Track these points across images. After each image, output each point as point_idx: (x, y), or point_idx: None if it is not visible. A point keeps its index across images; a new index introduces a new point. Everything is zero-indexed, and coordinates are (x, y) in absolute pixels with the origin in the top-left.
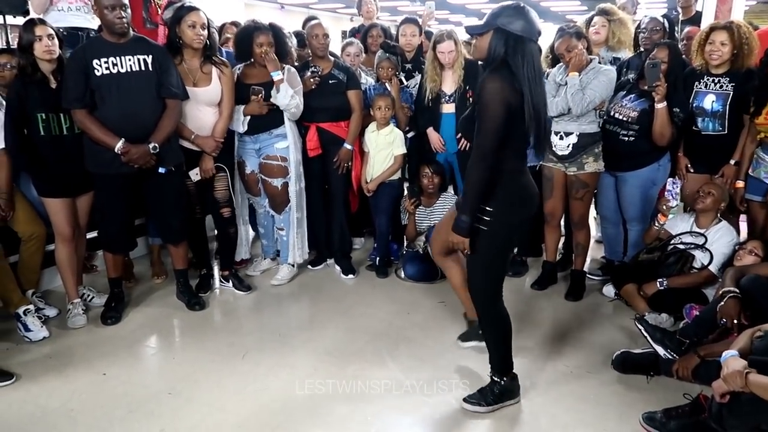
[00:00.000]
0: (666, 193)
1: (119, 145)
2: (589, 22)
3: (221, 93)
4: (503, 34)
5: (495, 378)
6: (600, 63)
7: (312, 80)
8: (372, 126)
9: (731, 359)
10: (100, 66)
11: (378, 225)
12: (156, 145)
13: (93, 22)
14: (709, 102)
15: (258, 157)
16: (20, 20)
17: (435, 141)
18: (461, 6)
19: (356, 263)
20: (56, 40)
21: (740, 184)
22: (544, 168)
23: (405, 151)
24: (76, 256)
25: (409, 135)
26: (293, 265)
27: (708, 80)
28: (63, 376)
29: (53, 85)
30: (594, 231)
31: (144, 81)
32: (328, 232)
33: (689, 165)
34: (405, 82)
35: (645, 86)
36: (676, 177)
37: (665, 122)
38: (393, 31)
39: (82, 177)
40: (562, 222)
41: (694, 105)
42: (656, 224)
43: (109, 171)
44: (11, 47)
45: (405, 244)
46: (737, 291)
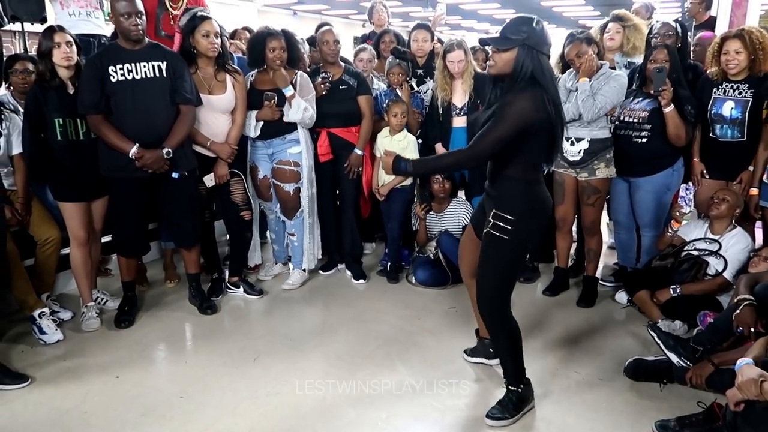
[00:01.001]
0: (679, 199)
1: (134, 150)
2: (604, 28)
3: (235, 100)
4: (530, 51)
5: (512, 387)
6: (612, 68)
7: (323, 86)
8: (385, 131)
9: (746, 367)
10: (116, 72)
11: (389, 230)
12: (170, 150)
13: (105, 29)
14: (728, 109)
15: (271, 162)
16: (38, 27)
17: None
18: (473, 11)
19: (367, 268)
20: (74, 47)
21: (754, 192)
22: (556, 174)
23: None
24: (91, 260)
25: (421, 141)
26: (304, 270)
27: (726, 87)
28: (77, 379)
29: (71, 91)
30: (606, 237)
31: (158, 87)
32: (339, 237)
33: (705, 171)
34: (416, 88)
35: (651, 90)
36: (690, 183)
37: (678, 123)
38: (405, 37)
39: (98, 181)
40: (574, 228)
41: (713, 112)
42: (670, 230)
43: (124, 175)
44: (29, 54)
45: (416, 250)
46: (753, 299)
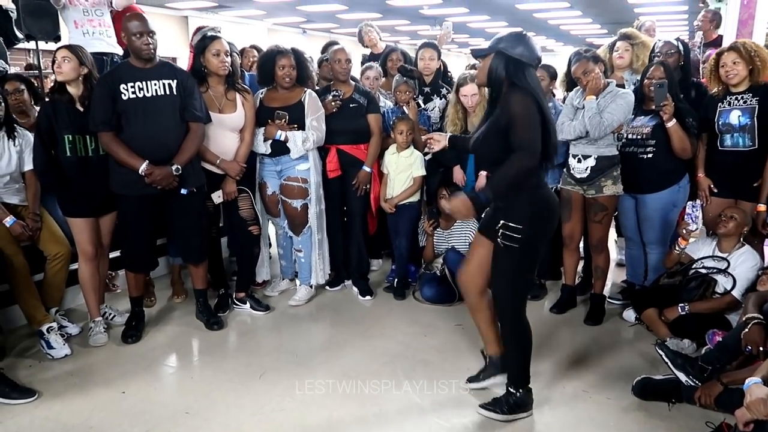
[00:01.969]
0: (686, 217)
1: (143, 167)
2: (612, 47)
3: (245, 119)
4: (503, 57)
5: (511, 389)
6: (621, 86)
7: (333, 104)
8: (392, 148)
9: (755, 387)
10: (127, 90)
11: (397, 247)
12: (179, 167)
13: (117, 47)
14: (736, 117)
15: (279, 179)
16: (52, 45)
17: (459, 179)
18: (480, 29)
19: (374, 285)
20: (73, 63)
21: (762, 208)
22: (563, 191)
23: (424, 173)
24: (99, 275)
25: (427, 157)
26: (311, 286)
27: (731, 98)
28: (83, 394)
29: (81, 108)
30: (614, 254)
31: (168, 105)
32: (346, 254)
33: (712, 185)
34: (423, 105)
35: (652, 106)
36: (697, 200)
37: (682, 136)
38: (412, 55)
39: (106, 197)
40: (581, 245)
41: (720, 123)
42: (677, 248)
43: (133, 192)
44: (18, 72)
45: (423, 266)
46: (762, 318)
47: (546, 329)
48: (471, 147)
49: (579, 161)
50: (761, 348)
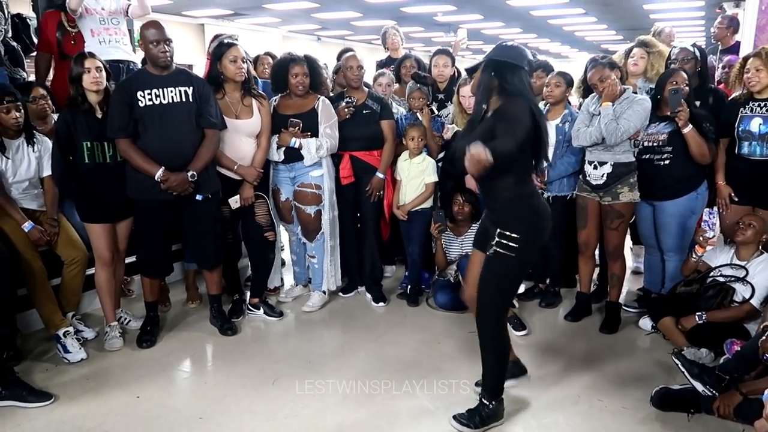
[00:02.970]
0: (702, 224)
1: (159, 173)
2: (629, 53)
3: (261, 125)
4: (491, 64)
5: (485, 401)
6: (635, 92)
7: (346, 110)
8: (405, 155)
9: None
10: (144, 97)
11: (410, 253)
12: (194, 173)
13: (133, 55)
14: (756, 125)
15: (293, 185)
16: None
17: (472, 186)
18: (494, 36)
19: (387, 291)
20: (104, 73)
21: None
22: (578, 198)
23: (437, 179)
24: (115, 280)
25: (441, 163)
26: (324, 292)
27: (753, 105)
28: (99, 398)
29: (99, 115)
30: (630, 262)
31: (184, 111)
32: (360, 260)
33: (733, 194)
34: (437, 112)
35: (667, 112)
36: (714, 207)
37: (699, 142)
38: (426, 62)
39: (123, 203)
40: (596, 252)
41: (740, 129)
42: (694, 256)
43: (149, 197)
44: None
45: (436, 273)
46: None
47: (560, 337)
48: (458, 155)
49: (595, 168)
50: None
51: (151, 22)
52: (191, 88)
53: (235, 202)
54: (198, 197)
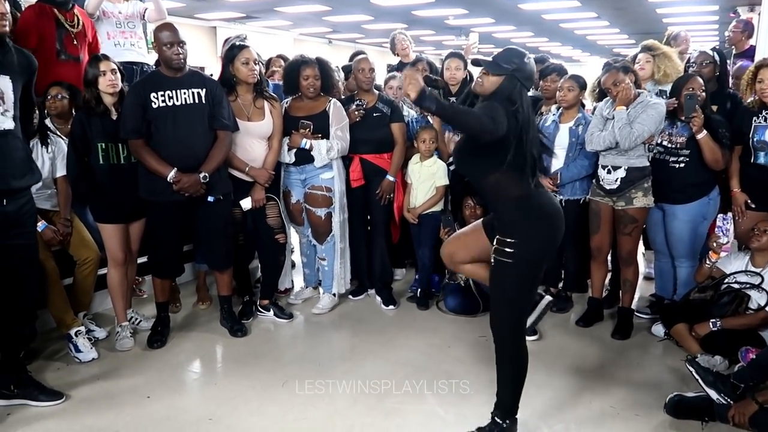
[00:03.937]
0: (716, 230)
1: (172, 174)
2: (634, 60)
3: (273, 127)
4: (515, 82)
5: (498, 420)
6: (649, 97)
7: (357, 113)
8: (415, 158)
9: None
10: (157, 99)
11: (420, 257)
12: (206, 175)
13: (147, 57)
14: None
15: (303, 187)
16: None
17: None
18: (506, 40)
19: (397, 294)
20: (119, 75)
21: None
22: (592, 202)
23: (447, 182)
24: (127, 281)
25: (452, 167)
26: (335, 295)
27: (767, 114)
28: (109, 398)
29: (114, 117)
30: (642, 267)
31: (197, 113)
32: (370, 263)
33: (749, 201)
34: None
35: (682, 117)
36: (728, 213)
37: (713, 148)
38: (438, 66)
39: (136, 204)
40: (608, 258)
41: (755, 140)
42: (708, 262)
43: (162, 198)
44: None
45: (446, 276)
46: None
47: (571, 343)
48: (453, 160)
49: (609, 172)
50: None
51: (165, 25)
52: (204, 90)
53: (247, 204)
54: (210, 199)
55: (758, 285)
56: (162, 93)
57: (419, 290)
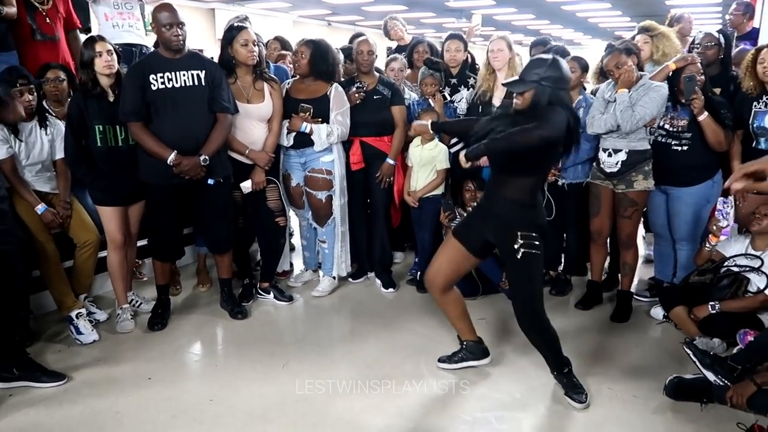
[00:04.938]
0: (716, 213)
1: (171, 157)
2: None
3: (273, 109)
4: (545, 89)
5: (558, 374)
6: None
7: (357, 95)
8: (416, 141)
9: None
10: (156, 81)
11: (420, 240)
12: (206, 158)
13: (145, 39)
14: None
15: (303, 171)
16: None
17: (484, 160)
18: (507, 22)
19: (397, 277)
20: (115, 56)
21: None
22: (592, 185)
23: (448, 166)
24: (127, 263)
25: (453, 150)
26: (334, 278)
27: (767, 99)
28: (110, 379)
29: (111, 99)
30: (642, 250)
31: (197, 95)
32: (370, 246)
33: None
34: (449, 98)
35: (683, 100)
36: (729, 197)
37: (715, 129)
38: (439, 48)
39: (135, 187)
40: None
41: (755, 125)
42: (707, 245)
43: (161, 181)
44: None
45: None
46: None
47: (570, 326)
48: (489, 141)
49: (609, 155)
50: None
51: (164, 5)
52: (203, 72)
53: (247, 187)
54: (210, 181)
55: (758, 268)
56: (161, 75)
57: (419, 273)
